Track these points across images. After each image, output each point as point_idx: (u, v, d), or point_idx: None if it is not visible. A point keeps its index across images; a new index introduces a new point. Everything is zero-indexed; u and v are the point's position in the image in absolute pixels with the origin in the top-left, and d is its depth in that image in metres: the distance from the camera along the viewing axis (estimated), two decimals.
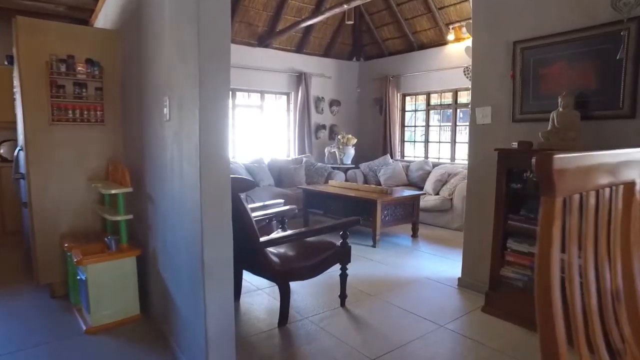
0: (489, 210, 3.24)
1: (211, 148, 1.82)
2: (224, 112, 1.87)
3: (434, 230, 5.61)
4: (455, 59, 6.92)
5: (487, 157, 3.27)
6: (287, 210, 3.45)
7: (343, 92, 8.39)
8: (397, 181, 6.97)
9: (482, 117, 3.28)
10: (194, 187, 1.86)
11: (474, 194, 3.41)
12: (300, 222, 5.77)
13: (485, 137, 3.28)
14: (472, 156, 3.41)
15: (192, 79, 1.82)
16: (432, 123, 7.82)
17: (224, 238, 1.87)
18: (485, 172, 3.29)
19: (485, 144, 3.29)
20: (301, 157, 7.23)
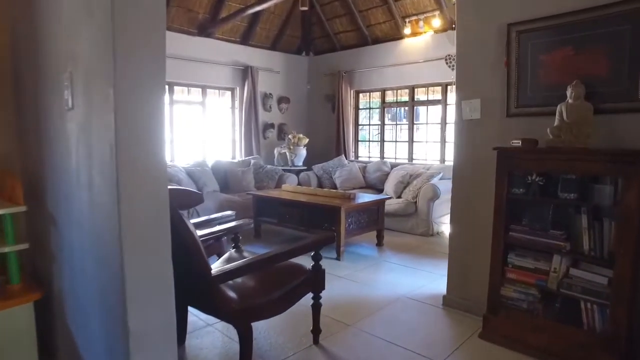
0: (479, 218, 2.81)
1: (136, 150, 1.16)
2: (157, 95, 1.22)
3: (399, 237, 5.18)
4: (412, 54, 6.57)
5: (477, 157, 2.83)
6: (241, 226, 2.80)
7: (292, 88, 7.80)
8: (354, 183, 6.49)
9: (470, 111, 2.84)
10: (108, 212, 1.20)
11: (460, 199, 2.96)
12: (250, 233, 5.10)
13: (474, 135, 2.84)
14: (458, 156, 2.96)
15: (103, 40, 1.16)
16: (388, 121, 7.44)
17: (161, 289, 1.22)
18: (475, 175, 2.85)
19: (473, 143, 2.84)
20: (249, 159, 6.55)
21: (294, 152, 6.94)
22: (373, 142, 7.72)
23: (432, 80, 6.46)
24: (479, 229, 2.83)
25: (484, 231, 2.80)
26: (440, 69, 6.25)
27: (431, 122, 6.77)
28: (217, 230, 2.56)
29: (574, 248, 2.26)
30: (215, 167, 6.11)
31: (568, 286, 2.25)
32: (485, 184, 2.78)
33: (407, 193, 5.49)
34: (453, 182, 2.99)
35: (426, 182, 5.31)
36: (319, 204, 4.33)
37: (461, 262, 2.97)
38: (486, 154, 2.76)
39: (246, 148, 6.93)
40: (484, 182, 2.79)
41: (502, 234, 2.47)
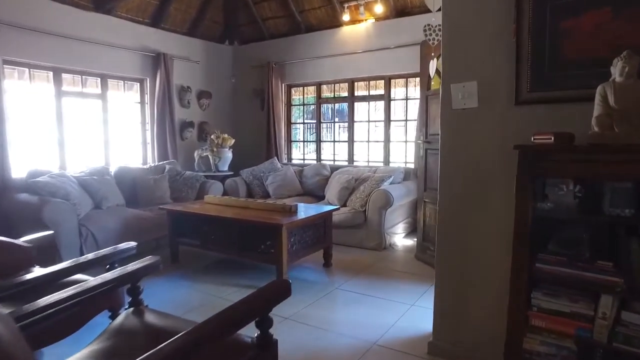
0: (478, 239, 2.11)
1: None
2: None
3: (348, 253, 4.42)
4: (351, 44, 5.88)
5: (473, 160, 2.13)
6: (144, 269, 1.83)
7: (215, 81, 6.76)
8: (290, 190, 5.64)
9: (463, 98, 2.13)
10: None
11: (449, 215, 2.23)
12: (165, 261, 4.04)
13: (469, 130, 2.13)
14: (445, 159, 2.23)
15: None
16: (325, 119, 6.70)
17: None
18: (470, 184, 2.14)
19: (468, 140, 2.14)
20: (163, 164, 5.42)
21: (218, 155, 5.92)
22: (308, 143, 6.93)
23: (374, 73, 5.82)
24: (476, 254, 2.13)
25: (484, 256, 2.11)
26: (383, 61, 5.63)
27: (374, 119, 6.14)
28: (95, 284, 1.57)
29: (630, 285, 1.62)
30: (120, 174, 4.93)
31: (626, 338, 1.60)
32: (485, 196, 2.09)
33: (353, 201, 4.75)
34: (440, 195, 2.26)
35: (376, 188, 4.62)
36: (253, 220, 3.41)
37: (452, 295, 2.25)
38: (486, 156, 2.08)
39: (160, 151, 5.79)
40: (483, 193, 2.09)
41: (525, 265, 1.76)
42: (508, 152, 1.99)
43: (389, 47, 5.54)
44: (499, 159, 2.03)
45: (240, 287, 3.41)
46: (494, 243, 2.06)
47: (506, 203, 2.00)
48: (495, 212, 2.05)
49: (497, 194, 2.05)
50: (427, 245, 4.07)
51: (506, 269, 1.82)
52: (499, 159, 2.03)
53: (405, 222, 5.10)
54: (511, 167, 1.97)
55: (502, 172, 2.02)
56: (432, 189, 4.00)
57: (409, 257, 4.29)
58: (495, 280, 2.05)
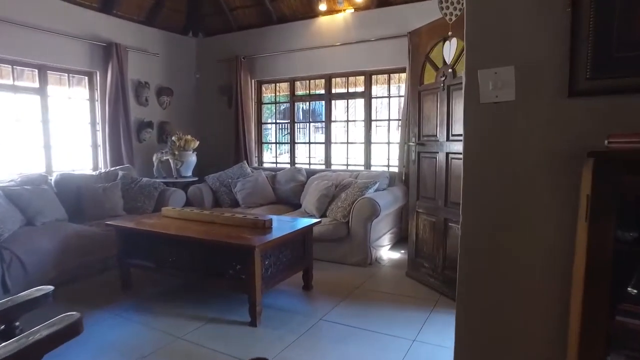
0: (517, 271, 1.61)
1: None
2: None
3: (329, 270, 3.87)
4: (328, 36, 5.35)
5: (509, 168, 1.62)
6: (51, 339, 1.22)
7: (177, 77, 6.09)
8: (262, 198, 5.05)
9: (495, 88, 1.62)
10: None
11: (477, 238, 1.72)
12: (113, 287, 3.39)
13: (502, 129, 1.63)
14: (470, 167, 1.72)
15: None
16: (299, 119, 6.15)
17: None
18: (504, 199, 1.63)
19: (503, 144, 1.63)
20: (116, 170, 4.73)
21: (180, 158, 5.26)
22: (281, 145, 6.36)
23: (353, 69, 5.31)
24: (515, 294, 1.63)
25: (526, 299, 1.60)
26: (363, 55, 5.13)
27: (353, 119, 5.63)
28: None
29: None
30: (62, 183, 4.21)
31: None
32: (525, 217, 1.59)
33: (334, 210, 4.21)
34: (463, 211, 1.75)
35: (360, 196, 4.10)
36: (219, 241, 2.81)
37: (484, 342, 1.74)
38: (527, 165, 1.58)
39: (113, 155, 5.08)
40: (522, 212, 1.59)
41: (601, 317, 1.27)
42: (558, 159, 1.51)
43: (370, 40, 5.05)
44: (545, 168, 1.54)
45: (205, 322, 2.80)
46: (539, 280, 1.57)
47: (557, 227, 1.51)
48: (541, 239, 1.56)
49: (543, 215, 1.55)
50: (420, 262, 3.58)
51: (559, 319, 1.32)
52: (545, 169, 1.54)
53: (391, 233, 4.61)
54: (563, 179, 1.50)
55: (550, 186, 1.53)
56: (426, 198, 3.51)
57: (399, 274, 3.79)
58: (544, 333, 1.55)
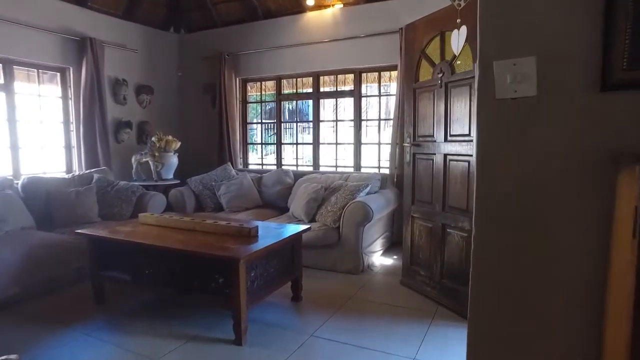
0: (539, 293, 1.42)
1: None
2: None
3: (319, 279, 3.65)
4: (316, 32, 5.13)
5: (530, 174, 1.42)
6: None
7: (157, 74, 5.80)
8: (247, 202, 4.81)
9: (513, 82, 1.42)
10: None
11: (492, 252, 1.52)
12: (85, 302, 3.12)
13: (521, 129, 1.42)
14: (483, 171, 1.51)
15: None
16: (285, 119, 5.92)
17: None
18: (524, 209, 1.43)
19: (520, 145, 1.43)
20: (91, 173, 4.43)
21: (161, 160, 4.98)
22: (267, 145, 6.12)
23: (342, 66, 5.09)
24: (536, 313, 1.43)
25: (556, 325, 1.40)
26: (353, 52, 4.93)
27: (342, 119, 5.43)
28: None
29: None
30: (29, 188, 3.91)
31: None
32: (550, 229, 1.39)
33: (324, 215, 3.99)
34: (475, 221, 1.55)
35: (351, 199, 3.88)
36: (201, 252, 2.56)
37: None
38: (551, 170, 1.39)
39: (89, 157, 4.78)
40: (550, 224, 1.39)
41: None
42: (588, 163, 1.32)
43: (359, 37, 4.85)
44: (573, 173, 1.34)
45: (186, 341, 2.56)
46: (564, 306, 1.37)
47: (587, 242, 1.32)
48: (568, 256, 1.36)
49: (570, 227, 1.35)
50: (415, 270, 3.38)
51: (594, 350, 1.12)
52: (573, 174, 1.34)
53: (383, 238, 4.41)
54: (594, 186, 1.30)
55: (578, 194, 1.33)
56: (422, 203, 3.31)
57: (393, 282, 3.58)
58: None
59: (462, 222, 2.88)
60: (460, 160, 2.88)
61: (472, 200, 2.82)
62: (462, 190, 2.88)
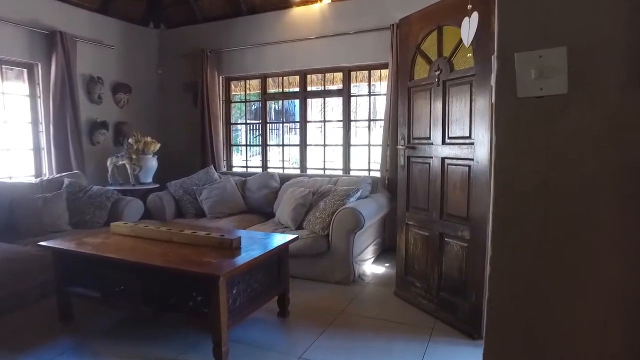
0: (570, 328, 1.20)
1: None
2: None
3: (307, 290, 3.42)
4: (303, 28, 4.89)
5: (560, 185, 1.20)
6: None
7: (135, 72, 5.50)
8: (231, 207, 4.54)
9: (539, 77, 1.20)
10: None
11: (514, 276, 1.29)
12: (51, 320, 2.83)
13: (549, 132, 1.21)
14: (502, 181, 1.29)
15: None
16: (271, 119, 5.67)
17: None
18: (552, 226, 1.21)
19: (547, 151, 1.21)
20: (61, 178, 4.12)
21: (138, 163, 4.69)
22: (252, 147, 5.86)
23: (330, 64, 4.87)
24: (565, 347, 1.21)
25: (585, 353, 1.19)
26: (341, 49, 4.71)
27: (330, 119, 5.20)
28: None
29: None
30: None
31: None
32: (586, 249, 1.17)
33: (312, 222, 3.76)
34: (493, 239, 1.32)
35: (341, 205, 3.66)
36: (176, 268, 2.30)
37: None
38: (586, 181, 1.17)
39: (60, 159, 4.46)
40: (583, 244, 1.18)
41: None
42: (630, 172, 1.11)
43: (349, 33, 4.63)
44: (611, 184, 1.13)
45: None
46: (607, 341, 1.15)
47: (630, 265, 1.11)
48: (606, 281, 1.15)
49: (608, 247, 1.14)
50: (410, 281, 3.17)
51: None
52: (611, 185, 1.13)
53: (374, 244, 4.19)
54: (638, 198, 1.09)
55: (618, 210, 1.12)
56: (418, 209, 3.10)
57: (387, 294, 3.36)
58: None
59: (462, 231, 2.67)
60: (460, 165, 2.68)
61: (473, 207, 2.62)
62: (462, 196, 2.67)
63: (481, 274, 2.55)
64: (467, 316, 2.65)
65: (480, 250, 2.54)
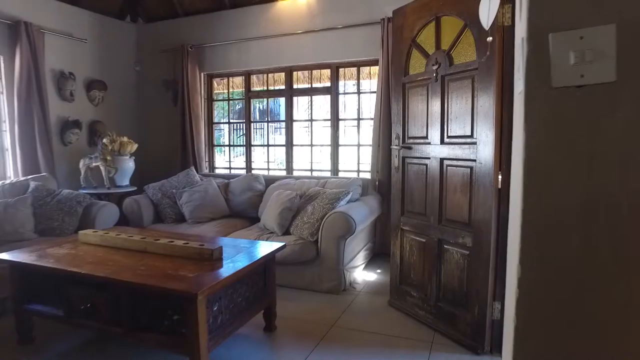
0: None
1: None
2: None
3: (296, 301, 3.18)
4: (289, 23, 4.66)
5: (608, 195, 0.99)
6: None
7: (111, 68, 5.18)
8: (213, 211, 4.28)
9: (580, 62, 0.99)
10: None
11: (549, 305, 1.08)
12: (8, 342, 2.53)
13: (594, 129, 1.00)
14: (535, 187, 1.07)
15: None
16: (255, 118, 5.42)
17: None
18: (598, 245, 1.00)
19: (592, 153, 1.00)
20: (27, 181, 3.81)
21: (114, 165, 4.39)
22: (235, 147, 5.60)
23: (317, 61, 4.64)
24: None
25: None
26: (329, 45, 4.49)
27: (318, 118, 4.98)
28: None
29: None
30: None
31: None
32: None
33: (299, 227, 3.52)
34: (522, 260, 1.11)
35: (330, 209, 3.43)
36: (148, 285, 2.04)
37: None
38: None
39: (27, 161, 4.14)
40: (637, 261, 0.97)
41: None
42: None
43: (337, 28, 4.41)
44: None
45: None
46: None
47: None
48: None
49: None
50: (406, 290, 2.96)
51: None
52: None
53: (365, 250, 3.98)
54: None
55: None
56: (414, 214, 2.89)
57: (381, 304, 3.15)
58: None
59: (464, 238, 2.47)
60: (461, 166, 2.47)
61: (475, 212, 2.41)
62: (463, 200, 2.47)
63: (485, 285, 2.36)
64: (469, 329, 2.45)
65: (484, 258, 2.34)
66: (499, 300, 2.36)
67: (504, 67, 2.21)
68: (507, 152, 2.23)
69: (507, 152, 2.24)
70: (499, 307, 2.36)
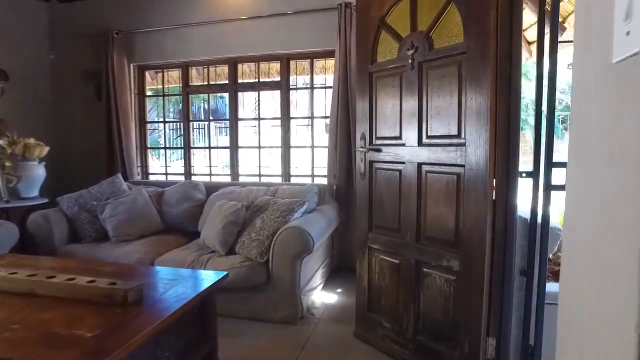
0: None
1: None
2: None
3: (243, 335, 2.61)
4: (233, 7, 4.09)
5: None
6: None
7: (15, 55, 4.33)
8: (143, 227, 3.59)
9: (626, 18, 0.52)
10: None
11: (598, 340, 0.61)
12: None
13: None
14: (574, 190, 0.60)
15: None
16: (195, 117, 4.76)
17: None
18: None
19: None
20: None
21: (15, 172, 3.59)
22: (174, 150, 4.92)
23: (265, 51, 4.08)
24: None
25: None
26: (279, 33, 3.96)
27: (266, 117, 4.41)
28: None
29: None
30: None
31: None
32: None
33: (247, 244, 2.95)
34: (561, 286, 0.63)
35: (283, 223, 2.89)
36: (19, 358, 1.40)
37: None
38: None
39: None
40: None
41: None
42: None
43: (287, 13, 3.89)
44: None
45: None
46: None
47: None
48: None
49: None
50: (376, 320, 2.48)
51: None
52: None
53: (323, 267, 3.48)
54: None
55: None
56: (385, 230, 2.42)
57: (345, 333, 2.65)
58: None
59: (449, 260, 2.02)
60: (445, 173, 2.03)
61: (465, 230, 1.95)
62: (448, 214, 2.02)
63: (477, 317, 1.92)
64: None
65: (476, 285, 1.91)
66: (493, 336, 1.93)
67: (498, 50, 1.78)
68: (503, 155, 1.82)
69: (503, 156, 1.82)
70: (493, 344, 1.93)
